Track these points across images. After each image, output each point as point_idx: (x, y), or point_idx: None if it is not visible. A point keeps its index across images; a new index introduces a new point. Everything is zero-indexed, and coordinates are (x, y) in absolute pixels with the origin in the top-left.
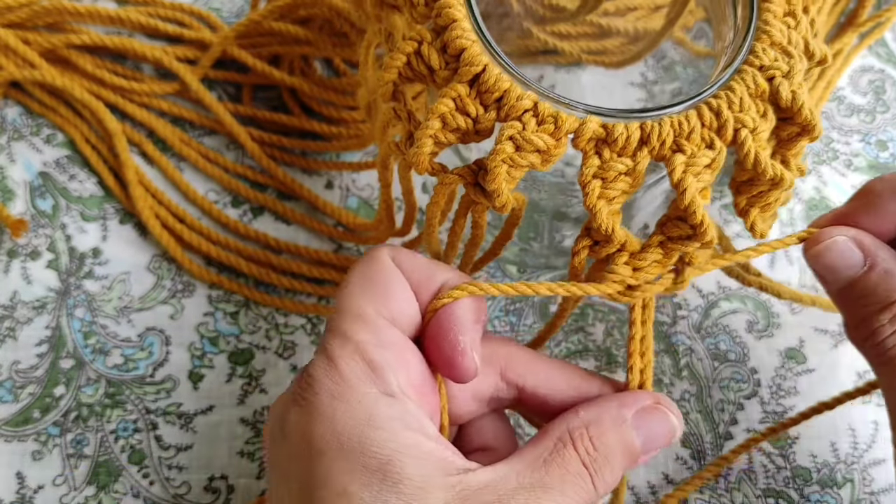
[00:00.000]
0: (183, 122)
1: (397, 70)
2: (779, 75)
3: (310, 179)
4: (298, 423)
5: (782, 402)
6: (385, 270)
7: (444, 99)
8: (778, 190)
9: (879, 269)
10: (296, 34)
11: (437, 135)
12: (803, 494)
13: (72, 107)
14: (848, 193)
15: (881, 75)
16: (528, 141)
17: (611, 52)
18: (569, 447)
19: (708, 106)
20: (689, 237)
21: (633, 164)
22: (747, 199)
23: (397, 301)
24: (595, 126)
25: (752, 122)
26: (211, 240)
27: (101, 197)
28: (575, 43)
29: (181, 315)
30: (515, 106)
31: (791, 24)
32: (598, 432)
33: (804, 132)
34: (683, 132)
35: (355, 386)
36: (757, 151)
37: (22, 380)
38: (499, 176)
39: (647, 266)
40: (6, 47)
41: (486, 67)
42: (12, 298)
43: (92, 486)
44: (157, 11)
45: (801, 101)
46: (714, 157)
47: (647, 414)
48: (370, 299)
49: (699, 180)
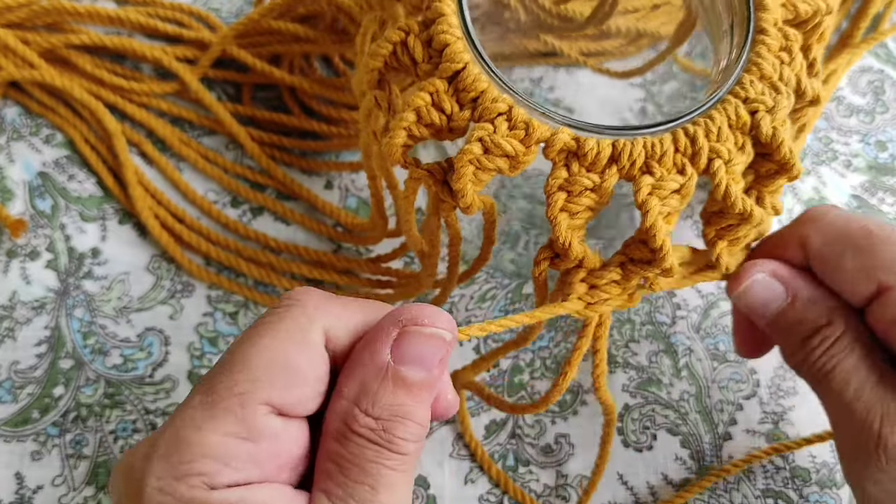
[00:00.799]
0: (182, 122)
1: (383, 58)
2: (762, 109)
3: (309, 180)
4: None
5: (781, 403)
6: (307, 353)
7: (422, 93)
8: (747, 225)
9: (802, 299)
10: (296, 32)
11: (410, 127)
12: (802, 495)
13: (71, 107)
14: (847, 193)
15: (880, 76)
16: (496, 144)
17: (610, 53)
18: (350, 437)
19: (685, 131)
20: (648, 262)
21: (600, 182)
22: (716, 230)
23: (303, 391)
24: (566, 138)
25: (728, 154)
26: (210, 240)
27: (101, 197)
28: (574, 44)
29: (180, 315)
30: (489, 108)
31: (785, 59)
32: (369, 401)
33: (782, 170)
34: (655, 154)
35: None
36: (728, 183)
37: (21, 380)
38: (464, 176)
39: (603, 284)
40: (6, 47)
41: (467, 66)
42: (11, 299)
43: (91, 486)
44: (157, 11)
45: (782, 138)
46: (683, 183)
47: (403, 343)
48: (268, 384)
49: (665, 204)
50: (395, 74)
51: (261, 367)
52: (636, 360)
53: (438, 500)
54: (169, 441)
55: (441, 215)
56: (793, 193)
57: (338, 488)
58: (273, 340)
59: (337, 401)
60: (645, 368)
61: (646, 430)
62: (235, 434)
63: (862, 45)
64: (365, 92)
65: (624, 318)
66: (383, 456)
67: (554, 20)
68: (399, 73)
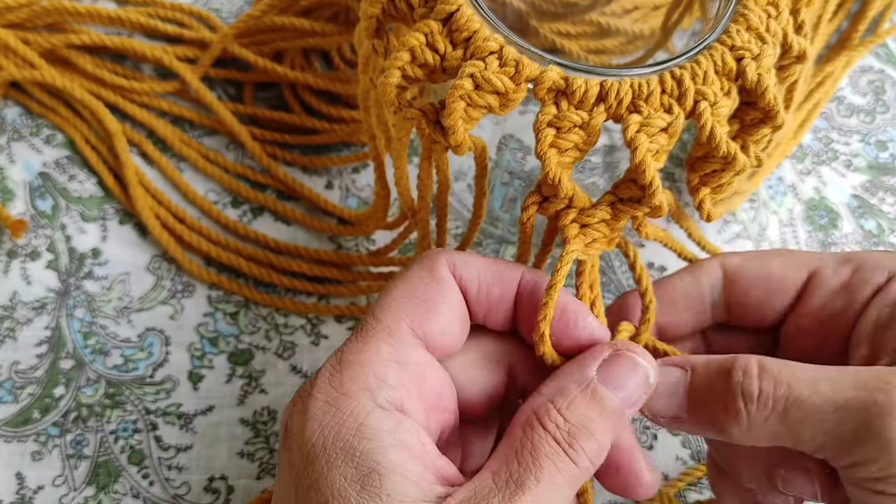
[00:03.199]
0: (183, 121)
1: (381, 5)
2: (748, 56)
3: (310, 179)
4: (295, 426)
5: None
6: (436, 284)
7: (416, 33)
8: (730, 171)
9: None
10: (300, 27)
11: (405, 67)
12: None
13: (72, 107)
14: (847, 193)
15: (881, 76)
16: (486, 80)
17: (610, 51)
18: (537, 428)
19: (671, 74)
20: (638, 200)
21: (588, 119)
22: (700, 176)
23: (438, 321)
24: (555, 76)
25: (714, 97)
26: (211, 240)
27: (101, 197)
28: (575, 42)
29: (181, 315)
30: (481, 47)
31: (772, 13)
32: (564, 402)
33: (767, 118)
34: (642, 94)
35: (353, 395)
36: (713, 125)
37: (22, 380)
38: (455, 112)
39: (594, 223)
40: (6, 47)
41: (461, 8)
42: (12, 299)
43: (92, 486)
44: (157, 12)
45: (766, 84)
46: (671, 122)
47: (612, 365)
48: (408, 313)
49: (653, 142)
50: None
51: (400, 302)
52: None
53: None
54: (331, 367)
55: (433, 158)
56: (793, 193)
57: (505, 470)
58: (408, 281)
59: (534, 396)
60: None
61: (646, 430)
62: (388, 356)
63: (860, 47)
64: (363, 41)
65: None
66: (559, 457)
67: (557, 7)
68: (396, 20)
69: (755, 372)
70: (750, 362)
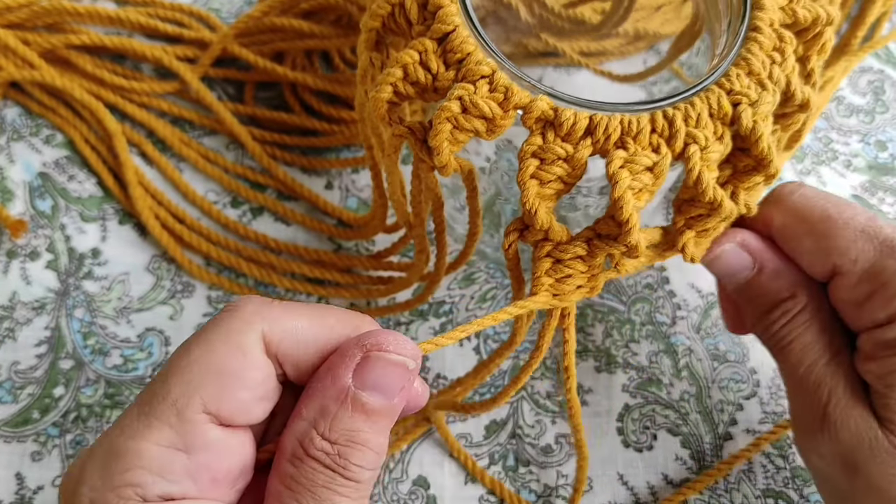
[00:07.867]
0: (183, 122)
1: (381, 18)
2: (745, 102)
3: (310, 180)
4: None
5: (781, 403)
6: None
7: (410, 50)
8: (716, 217)
9: (768, 271)
10: (300, 29)
11: (397, 84)
12: (803, 495)
13: (71, 107)
14: (847, 193)
15: (880, 76)
16: (474, 104)
17: (610, 52)
18: (306, 461)
19: (663, 113)
20: (615, 238)
21: (573, 152)
22: (686, 219)
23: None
24: (544, 106)
25: (704, 140)
26: (211, 240)
27: (101, 197)
28: (574, 44)
29: (181, 315)
30: (473, 70)
31: (777, 59)
32: (326, 424)
33: (759, 166)
34: (631, 131)
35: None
36: (701, 170)
37: (21, 380)
38: (441, 133)
39: (568, 259)
40: (6, 47)
41: (457, 28)
42: (11, 299)
43: None
44: (157, 12)
45: (761, 132)
46: (657, 162)
47: (366, 369)
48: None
49: (636, 180)
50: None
51: (195, 374)
52: (636, 360)
53: (438, 500)
54: (104, 451)
55: (420, 177)
56: None
57: None
58: (207, 347)
59: (295, 421)
60: (645, 368)
61: (646, 430)
62: (170, 444)
63: (859, 52)
64: (362, 53)
65: (624, 319)
66: (336, 482)
67: (564, 23)
68: (396, 35)
69: None
70: None
